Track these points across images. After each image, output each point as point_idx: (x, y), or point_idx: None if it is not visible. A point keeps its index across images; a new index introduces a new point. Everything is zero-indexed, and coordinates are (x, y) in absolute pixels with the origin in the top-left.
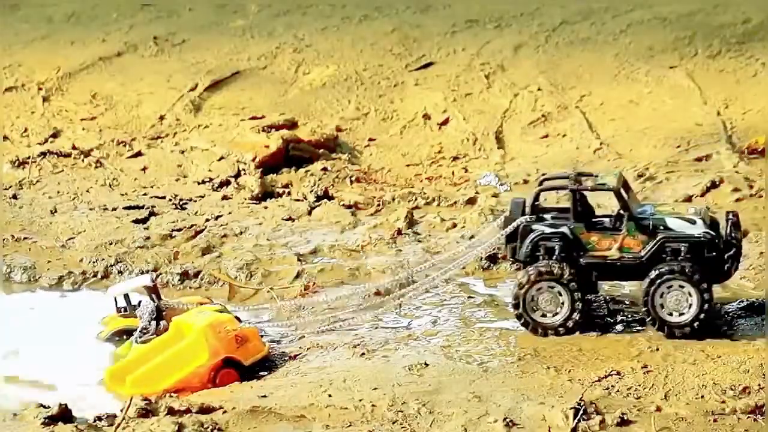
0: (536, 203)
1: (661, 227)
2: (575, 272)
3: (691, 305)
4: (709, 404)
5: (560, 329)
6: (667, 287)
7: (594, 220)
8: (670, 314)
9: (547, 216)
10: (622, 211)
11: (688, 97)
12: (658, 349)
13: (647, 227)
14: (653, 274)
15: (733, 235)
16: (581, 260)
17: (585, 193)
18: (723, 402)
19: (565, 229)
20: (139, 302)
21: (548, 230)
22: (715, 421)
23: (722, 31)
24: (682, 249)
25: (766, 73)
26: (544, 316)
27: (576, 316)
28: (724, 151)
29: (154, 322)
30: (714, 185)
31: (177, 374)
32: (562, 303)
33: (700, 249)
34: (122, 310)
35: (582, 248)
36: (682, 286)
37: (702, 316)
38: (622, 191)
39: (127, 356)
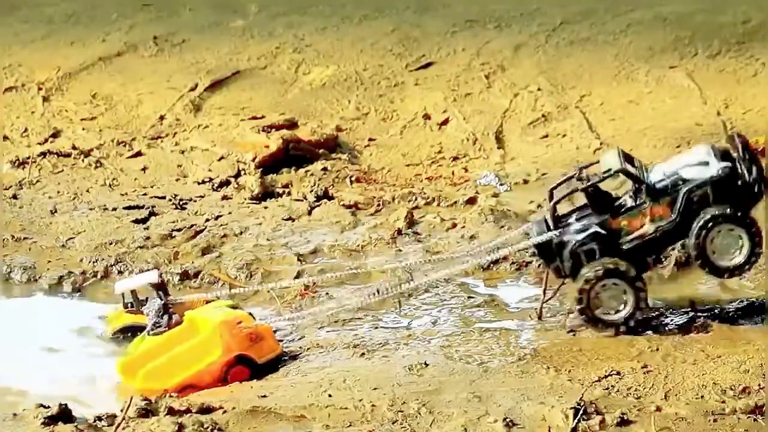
0: (555, 215)
1: (679, 182)
2: (629, 263)
3: (742, 248)
4: (709, 404)
5: (627, 323)
6: (717, 232)
7: (616, 204)
8: (730, 258)
9: (572, 220)
10: (636, 185)
11: (688, 97)
12: (658, 349)
13: (666, 189)
14: (694, 230)
15: (748, 156)
16: (623, 247)
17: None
18: (723, 402)
19: (594, 228)
20: (146, 298)
21: (580, 236)
22: (715, 421)
23: (722, 31)
24: (709, 193)
25: (766, 73)
26: (607, 313)
27: (642, 307)
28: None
29: (166, 316)
30: None
31: (189, 370)
32: (626, 299)
33: (725, 184)
34: (129, 305)
35: (618, 236)
36: (731, 230)
37: (753, 258)
38: (628, 168)
39: (139, 349)
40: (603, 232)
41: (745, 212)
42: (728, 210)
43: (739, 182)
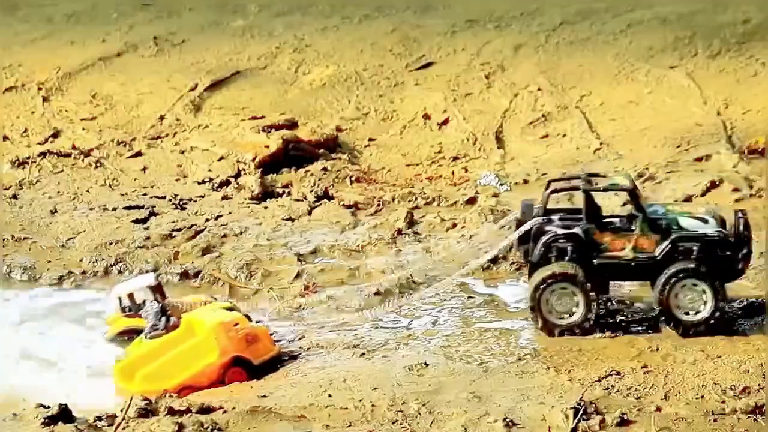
0: (546, 204)
1: (674, 227)
2: (588, 273)
3: (705, 303)
4: (709, 404)
5: (576, 330)
6: (681, 286)
7: (605, 220)
8: (687, 313)
9: (556, 217)
10: (636, 212)
11: (688, 97)
12: (658, 349)
13: (660, 227)
14: (667, 273)
15: (744, 233)
16: (594, 261)
17: (592, 193)
18: (723, 402)
19: (578, 230)
20: (144, 301)
21: (561, 231)
22: (715, 421)
23: (722, 31)
24: (695, 248)
25: (766, 73)
26: (559, 317)
27: (591, 316)
28: (724, 151)
29: (163, 319)
30: (714, 185)
31: (186, 372)
32: (577, 303)
33: (714, 248)
34: (127, 309)
35: (595, 249)
36: (695, 285)
37: (717, 314)
38: (638, 191)
39: (137, 352)
40: (584, 237)
41: (718, 277)
42: (699, 266)
43: (728, 252)
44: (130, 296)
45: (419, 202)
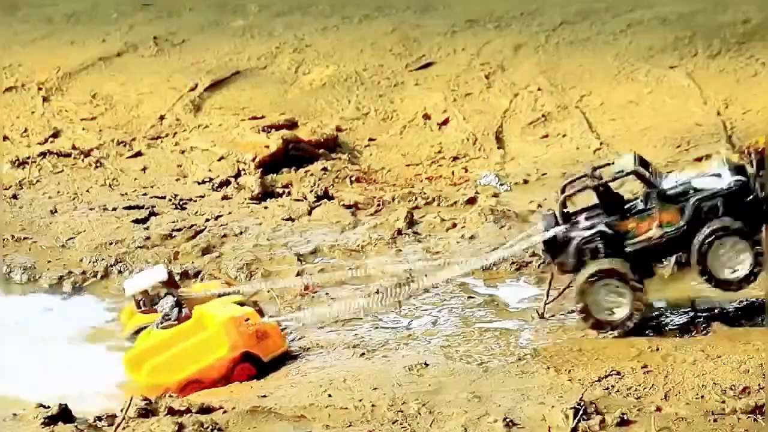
0: (565, 211)
1: (691, 191)
2: (630, 264)
3: (744, 260)
4: (709, 404)
5: (627, 324)
6: (719, 244)
7: (626, 207)
8: (732, 271)
9: (581, 218)
10: (648, 189)
11: (688, 97)
12: (658, 349)
13: (677, 196)
14: (699, 237)
15: (762, 173)
16: (627, 249)
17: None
18: (723, 402)
19: (601, 227)
20: (157, 294)
21: (586, 233)
22: (715, 421)
23: (722, 31)
24: (719, 204)
25: (766, 73)
26: (607, 313)
27: (639, 309)
28: (724, 151)
29: (176, 310)
30: None
31: (195, 365)
32: (623, 299)
33: (736, 198)
34: (141, 305)
35: (624, 238)
36: (733, 243)
37: (756, 269)
38: (641, 170)
39: (146, 343)
40: (609, 231)
41: (752, 227)
42: (732, 223)
43: (751, 197)
44: (144, 293)
45: (419, 202)
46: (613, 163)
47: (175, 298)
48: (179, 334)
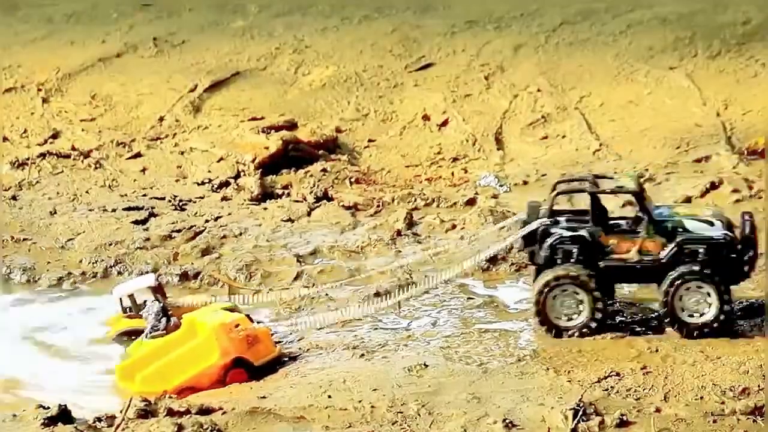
0: (553, 206)
1: (680, 229)
2: (594, 275)
3: (710, 305)
4: (709, 405)
5: (583, 331)
6: (686, 289)
7: (611, 222)
8: (691, 315)
9: (562, 219)
10: (641, 214)
11: (688, 97)
12: (657, 351)
13: (666, 229)
14: (672, 275)
15: (750, 236)
16: (600, 263)
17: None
18: (722, 403)
19: (584, 233)
20: (144, 302)
21: (567, 234)
22: (714, 422)
23: (722, 31)
24: (701, 251)
25: (765, 73)
26: (565, 319)
27: (597, 318)
28: (724, 152)
29: (164, 319)
30: (713, 186)
31: (187, 373)
32: (582, 306)
33: (720, 250)
34: (128, 310)
35: (601, 251)
36: (700, 287)
37: (722, 316)
38: (643, 194)
39: (137, 353)
40: (590, 240)
41: (725, 281)
42: (698, 267)
43: (734, 255)
44: (131, 297)
45: (419, 203)
46: (612, 178)
47: (161, 305)
48: (170, 343)
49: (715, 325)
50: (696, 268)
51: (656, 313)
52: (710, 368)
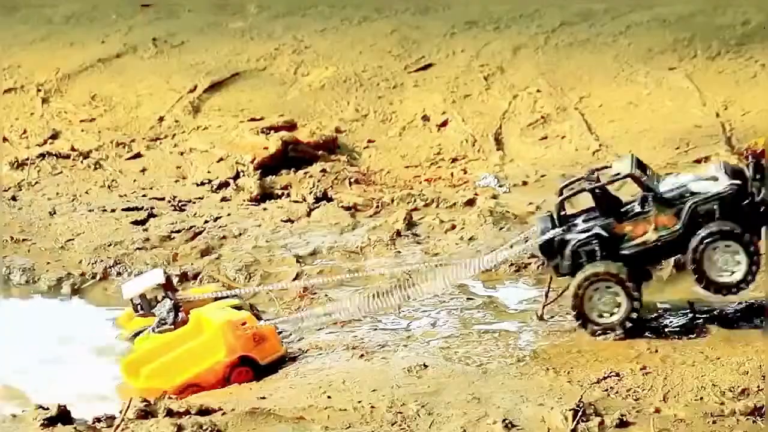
0: (562, 213)
1: (687, 194)
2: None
3: (739, 263)
4: (708, 406)
5: (625, 325)
6: (712, 249)
7: (623, 209)
8: (720, 275)
9: (579, 221)
10: (644, 193)
11: (688, 98)
12: (657, 351)
13: (673, 199)
14: (694, 241)
15: (760, 176)
16: (623, 252)
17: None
18: (722, 404)
19: (597, 229)
20: (156, 299)
21: (582, 236)
22: (714, 422)
23: (722, 32)
24: (715, 208)
25: (765, 74)
26: (601, 316)
27: (635, 312)
28: (724, 153)
29: (172, 314)
30: None
31: (192, 370)
32: (620, 302)
33: (732, 201)
34: (139, 308)
35: (620, 241)
36: (728, 246)
37: (754, 269)
38: (637, 174)
39: (143, 347)
40: (605, 234)
41: (749, 231)
42: (727, 226)
43: (747, 201)
44: (142, 296)
45: (418, 203)
46: (611, 166)
47: (173, 302)
48: (176, 338)
49: (748, 282)
50: (717, 227)
51: (656, 314)
52: (710, 369)
